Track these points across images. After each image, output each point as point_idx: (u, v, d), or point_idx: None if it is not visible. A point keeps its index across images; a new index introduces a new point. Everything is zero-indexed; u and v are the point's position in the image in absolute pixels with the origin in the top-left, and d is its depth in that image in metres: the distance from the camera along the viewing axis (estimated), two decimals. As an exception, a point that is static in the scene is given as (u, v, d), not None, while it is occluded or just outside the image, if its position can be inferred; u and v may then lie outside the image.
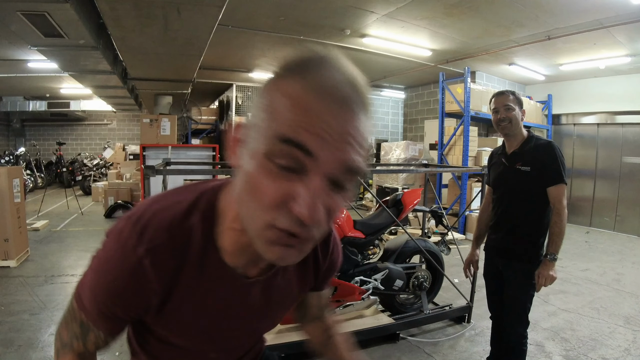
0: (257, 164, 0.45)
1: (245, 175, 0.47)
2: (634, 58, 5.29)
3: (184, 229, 0.56)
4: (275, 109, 0.44)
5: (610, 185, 6.54)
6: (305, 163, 0.43)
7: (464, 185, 5.71)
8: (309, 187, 0.44)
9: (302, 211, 0.43)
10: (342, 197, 0.48)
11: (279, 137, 0.43)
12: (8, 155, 8.73)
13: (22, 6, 3.04)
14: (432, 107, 8.11)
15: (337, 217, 0.52)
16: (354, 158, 0.45)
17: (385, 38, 5.14)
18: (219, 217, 0.58)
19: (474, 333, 2.69)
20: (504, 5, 3.94)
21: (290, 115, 0.43)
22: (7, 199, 3.67)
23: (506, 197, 1.92)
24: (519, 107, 1.84)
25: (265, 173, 0.44)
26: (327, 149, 0.43)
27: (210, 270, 0.59)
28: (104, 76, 5.75)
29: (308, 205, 0.44)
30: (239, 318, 0.67)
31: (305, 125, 0.42)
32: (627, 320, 2.94)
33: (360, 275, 2.46)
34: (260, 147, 0.45)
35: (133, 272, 0.54)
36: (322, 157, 0.43)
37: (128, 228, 0.55)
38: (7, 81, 7.08)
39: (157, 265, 0.54)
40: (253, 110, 0.48)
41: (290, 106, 0.43)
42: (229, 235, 0.57)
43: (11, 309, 2.84)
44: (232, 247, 0.58)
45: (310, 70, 0.44)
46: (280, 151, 0.43)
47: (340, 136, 0.44)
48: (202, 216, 0.57)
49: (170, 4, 3.14)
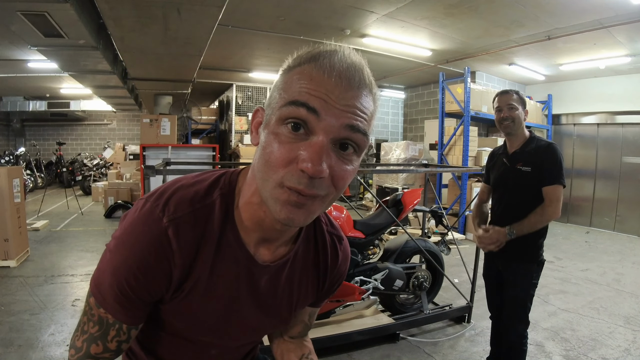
0: (270, 132, 0.51)
1: (262, 147, 0.52)
2: (634, 58, 5.28)
3: (205, 204, 0.59)
4: (289, 85, 0.51)
5: (610, 185, 6.54)
6: (309, 121, 0.48)
7: (464, 185, 5.70)
8: (312, 144, 0.48)
9: (305, 165, 0.48)
10: (348, 163, 0.52)
11: (288, 102, 0.49)
12: (8, 155, 8.73)
13: (22, 6, 3.04)
14: (432, 107, 8.11)
15: (344, 185, 0.53)
16: (357, 123, 0.50)
17: (385, 38, 5.14)
18: (237, 196, 0.61)
19: (474, 333, 2.69)
20: (504, 5, 3.94)
21: (299, 84, 0.50)
22: (7, 199, 3.66)
23: (506, 196, 1.91)
24: (522, 107, 1.84)
25: (277, 139, 0.50)
26: (330, 111, 0.48)
27: (227, 249, 0.60)
28: (104, 76, 5.75)
29: (311, 159, 0.48)
30: (245, 305, 0.67)
31: (311, 90, 0.49)
32: (627, 320, 2.94)
33: (360, 275, 2.46)
34: (273, 117, 0.51)
35: (158, 242, 0.55)
36: (326, 118, 0.48)
37: (151, 202, 0.57)
38: (7, 81, 7.08)
39: (181, 237, 0.56)
40: (270, 94, 0.55)
41: (300, 79, 0.50)
42: (246, 210, 0.60)
43: (11, 309, 2.84)
44: (249, 221, 0.60)
45: (321, 57, 0.51)
46: (288, 113, 0.49)
47: (344, 105, 0.49)
48: (222, 193, 0.60)
49: (170, 4, 3.14)
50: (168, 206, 0.56)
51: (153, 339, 0.69)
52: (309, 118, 0.48)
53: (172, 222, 0.55)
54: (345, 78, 0.49)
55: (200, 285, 0.60)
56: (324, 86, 0.48)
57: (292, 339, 0.86)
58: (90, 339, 0.60)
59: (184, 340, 0.68)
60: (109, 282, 0.57)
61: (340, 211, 2.49)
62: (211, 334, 0.68)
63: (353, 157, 0.53)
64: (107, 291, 0.57)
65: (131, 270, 0.55)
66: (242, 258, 0.62)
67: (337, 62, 0.50)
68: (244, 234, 0.61)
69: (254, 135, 0.57)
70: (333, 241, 0.75)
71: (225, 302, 0.64)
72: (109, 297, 0.57)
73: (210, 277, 0.60)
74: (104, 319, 0.59)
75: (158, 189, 0.59)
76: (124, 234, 0.57)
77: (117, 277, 0.56)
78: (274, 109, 0.51)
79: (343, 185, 0.53)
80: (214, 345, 0.71)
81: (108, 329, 0.59)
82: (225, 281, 0.62)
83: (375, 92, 0.54)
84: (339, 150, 0.51)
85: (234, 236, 0.60)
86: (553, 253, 4.81)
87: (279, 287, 0.69)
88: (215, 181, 0.61)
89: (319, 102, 0.48)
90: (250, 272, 0.64)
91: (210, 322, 0.65)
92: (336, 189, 0.52)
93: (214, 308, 0.64)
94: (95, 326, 0.59)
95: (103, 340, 0.60)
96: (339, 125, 0.49)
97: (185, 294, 0.60)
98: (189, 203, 0.57)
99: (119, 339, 0.60)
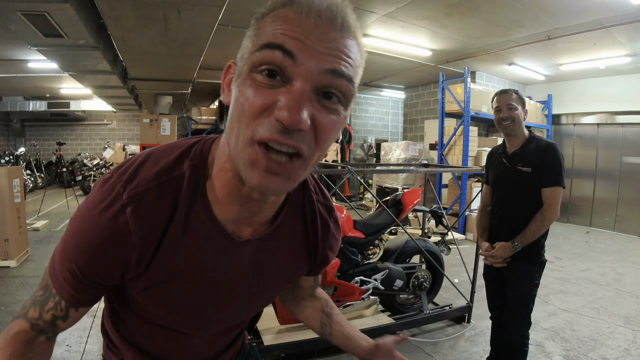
0: (242, 81, 0.45)
1: (233, 101, 0.46)
2: (634, 58, 5.28)
3: (173, 177, 0.53)
4: (261, 31, 0.45)
5: (610, 185, 6.54)
6: (285, 66, 0.42)
7: (464, 185, 5.70)
8: (291, 91, 0.42)
9: (282, 114, 0.41)
10: (333, 113, 0.45)
11: (261, 46, 0.43)
12: (8, 155, 8.73)
13: (22, 6, 3.04)
14: (432, 107, 8.11)
15: (328, 140, 0.46)
16: (341, 67, 0.43)
17: (385, 38, 5.14)
18: (210, 166, 0.55)
19: (474, 333, 2.69)
20: (504, 5, 3.94)
21: (273, 27, 0.44)
22: (7, 199, 3.66)
23: (506, 197, 1.91)
24: (521, 107, 1.83)
25: (250, 88, 0.44)
26: (308, 53, 0.42)
27: (197, 226, 0.54)
28: (104, 76, 5.75)
29: (288, 107, 0.41)
30: (226, 287, 0.61)
31: (287, 31, 0.42)
32: (627, 320, 2.94)
33: (360, 275, 2.46)
34: (245, 66, 0.45)
35: (113, 221, 0.50)
36: (304, 62, 0.42)
37: (116, 176, 0.52)
38: (7, 81, 7.08)
39: (141, 215, 0.50)
40: (242, 46, 0.49)
41: (274, 21, 0.44)
42: (220, 179, 0.53)
43: (11, 309, 2.84)
44: (222, 191, 0.53)
45: (296, 1, 0.44)
46: (262, 58, 0.43)
47: (325, 47, 0.43)
48: (192, 164, 0.54)
49: (170, 4, 3.14)
50: (131, 182, 0.51)
51: (132, 330, 0.66)
52: (285, 63, 0.42)
53: (132, 198, 0.50)
54: (326, 18, 0.43)
55: (170, 266, 0.55)
56: (302, 26, 0.42)
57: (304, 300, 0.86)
58: (33, 302, 0.58)
59: (163, 329, 0.64)
60: (60, 257, 0.54)
61: (340, 211, 2.49)
62: (190, 319, 0.63)
63: (338, 106, 0.46)
64: (58, 262, 0.54)
65: (82, 247, 0.51)
66: (215, 235, 0.55)
67: (317, 1, 0.44)
68: (219, 209, 0.55)
69: (225, 93, 0.51)
70: (323, 213, 0.68)
71: (201, 283, 0.59)
72: (58, 268, 0.55)
73: (181, 257, 0.55)
74: (49, 287, 0.56)
75: (127, 161, 0.55)
76: (84, 209, 0.52)
77: (67, 252, 0.53)
78: (245, 58, 0.46)
79: (326, 140, 0.46)
80: (195, 333, 0.67)
81: (48, 298, 0.56)
82: (199, 262, 0.56)
83: (361, 42, 0.47)
84: (321, 99, 0.44)
85: (205, 211, 0.54)
86: (553, 253, 4.81)
87: (264, 263, 0.62)
88: (186, 150, 0.55)
89: (295, 44, 0.42)
90: (227, 250, 0.57)
91: (187, 306, 0.60)
92: (317, 144, 0.45)
93: (188, 291, 0.58)
94: (40, 290, 0.58)
95: (41, 307, 0.57)
96: (319, 69, 0.42)
97: (153, 276, 0.55)
98: (154, 176, 0.52)
99: (55, 313, 0.57)
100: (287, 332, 2.29)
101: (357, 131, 9.67)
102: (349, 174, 2.27)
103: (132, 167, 0.53)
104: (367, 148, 8.80)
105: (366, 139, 9.41)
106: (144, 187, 0.51)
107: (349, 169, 2.27)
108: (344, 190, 8.01)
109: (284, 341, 2.20)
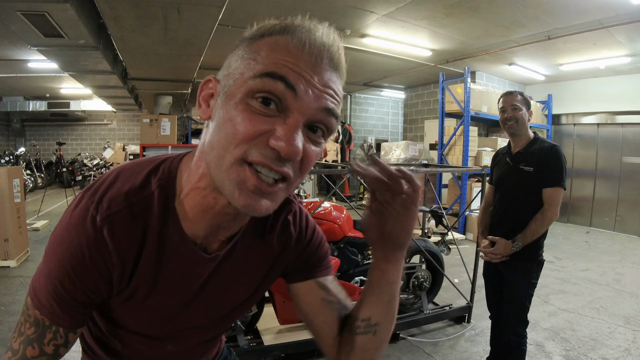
0: (235, 105, 0.45)
1: (221, 121, 0.46)
2: (634, 58, 5.28)
3: (143, 197, 0.54)
4: (260, 54, 0.45)
5: (610, 185, 6.54)
6: (286, 98, 0.44)
7: (464, 185, 5.70)
8: (288, 122, 0.44)
9: (280, 144, 0.43)
10: (317, 145, 0.49)
11: (262, 73, 0.44)
12: (8, 155, 8.72)
13: (22, 6, 3.04)
14: (432, 107, 8.11)
15: (310, 169, 0.50)
16: (334, 106, 0.47)
17: (385, 38, 5.14)
18: (178, 185, 0.56)
19: (474, 333, 2.69)
20: (504, 5, 3.94)
21: (274, 55, 0.45)
22: (7, 199, 3.66)
23: (507, 195, 1.92)
24: (526, 108, 1.86)
25: (244, 112, 0.44)
26: (309, 90, 0.44)
27: (169, 243, 0.56)
28: (104, 76, 5.75)
29: (287, 139, 0.43)
30: (196, 299, 0.63)
31: (289, 64, 0.44)
32: (627, 320, 2.94)
33: (360, 275, 2.46)
34: (239, 89, 0.45)
35: (93, 243, 0.51)
36: (304, 98, 0.44)
37: (86, 198, 0.53)
38: (7, 81, 7.08)
39: (116, 235, 0.51)
40: (228, 64, 0.49)
41: (274, 50, 0.45)
42: (191, 198, 0.54)
43: (11, 309, 2.84)
44: (193, 210, 0.55)
45: (298, 31, 0.47)
46: (262, 86, 0.44)
47: (322, 83, 0.46)
48: (160, 184, 0.55)
49: (170, 4, 3.14)
50: (102, 203, 0.51)
51: (109, 335, 0.66)
52: (285, 95, 0.44)
53: (106, 220, 0.51)
54: (327, 58, 0.46)
55: (147, 283, 0.56)
56: (304, 62, 0.44)
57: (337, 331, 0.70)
58: (27, 341, 0.56)
59: (138, 336, 0.64)
60: (44, 284, 0.53)
61: (340, 211, 2.49)
62: (163, 329, 0.64)
63: (321, 140, 0.49)
64: (43, 293, 0.54)
65: (66, 272, 0.51)
66: (185, 252, 0.57)
67: (318, 39, 0.46)
68: (188, 225, 0.56)
69: (203, 109, 0.51)
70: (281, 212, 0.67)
71: (173, 296, 0.60)
72: (44, 299, 0.54)
73: (156, 274, 0.56)
74: (40, 320, 0.55)
75: (98, 180, 0.55)
76: (59, 234, 0.53)
77: (51, 279, 0.52)
78: (237, 80, 0.46)
79: (309, 169, 0.49)
80: (168, 342, 0.67)
81: (44, 332, 0.55)
82: (172, 277, 0.58)
83: (344, 77, 0.51)
84: (308, 131, 0.47)
85: (175, 229, 0.55)
86: (553, 253, 4.81)
87: (233, 272, 0.63)
88: (153, 170, 0.56)
89: (298, 79, 0.44)
90: (196, 265, 0.59)
91: (160, 318, 0.62)
92: (302, 172, 0.49)
93: (162, 303, 0.60)
94: (32, 327, 0.56)
95: (39, 343, 0.56)
96: (316, 107, 0.45)
97: (132, 292, 0.57)
98: (124, 197, 0.52)
99: (56, 342, 0.56)
100: (287, 332, 2.29)
101: (357, 131, 9.67)
102: (349, 174, 2.27)
103: (102, 188, 0.54)
104: (367, 148, 8.80)
105: (366, 139, 9.41)
106: (116, 208, 0.52)
107: (349, 169, 2.27)
108: (344, 190, 8.01)
109: (284, 341, 2.20)
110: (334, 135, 8.66)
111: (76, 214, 0.52)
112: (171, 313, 0.62)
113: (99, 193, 0.53)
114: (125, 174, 0.56)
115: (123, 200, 0.52)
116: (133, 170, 0.56)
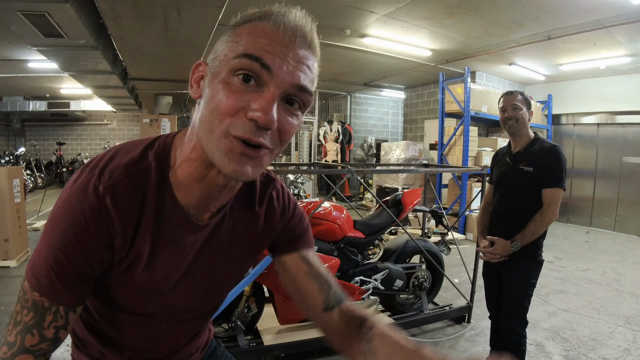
0: (219, 82, 0.50)
1: (208, 97, 0.52)
2: (634, 58, 5.28)
3: (141, 168, 0.58)
4: (241, 38, 0.51)
5: (610, 185, 6.54)
6: (262, 75, 0.49)
7: (464, 185, 5.70)
8: (264, 95, 0.49)
9: (257, 114, 0.48)
10: (294, 117, 0.53)
11: (241, 54, 0.49)
12: (8, 155, 8.72)
13: (22, 6, 3.05)
14: (432, 107, 8.11)
15: (289, 139, 0.55)
16: (306, 83, 0.52)
17: (385, 38, 5.14)
18: (173, 157, 0.60)
19: (474, 333, 2.69)
20: (504, 5, 3.94)
21: (253, 39, 0.50)
22: (7, 199, 3.66)
23: (507, 195, 1.92)
24: (526, 108, 1.86)
25: (226, 89, 0.50)
26: (283, 67, 0.49)
27: (165, 212, 0.59)
28: (104, 76, 5.76)
29: (262, 109, 0.48)
30: (189, 268, 0.65)
31: (265, 45, 0.49)
32: (627, 320, 2.94)
33: (360, 275, 2.46)
34: (222, 69, 0.51)
35: (96, 210, 0.53)
36: (279, 74, 0.49)
37: (87, 172, 0.56)
38: (7, 81, 7.08)
39: (119, 203, 0.54)
40: (215, 49, 0.54)
41: (254, 34, 0.50)
42: (183, 168, 0.58)
43: (11, 309, 2.83)
44: (186, 180, 0.59)
45: (274, 15, 0.52)
46: (241, 65, 0.49)
47: (296, 62, 0.51)
48: (157, 156, 0.59)
49: (170, 4, 3.15)
50: (103, 174, 0.55)
51: (103, 322, 0.66)
52: (261, 73, 0.49)
53: (108, 188, 0.54)
54: (300, 36, 0.51)
55: (145, 251, 0.59)
56: (278, 42, 0.50)
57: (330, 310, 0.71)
58: (25, 329, 0.55)
59: (130, 316, 0.65)
60: (44, 258, 0.54)
61: (340, 211, 2.49)
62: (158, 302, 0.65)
63: (298, 112, 0.54)
64: (43, 269, 0.54)
65: (69, 239, 0.53)
66: (180, 220, 0.60)
67: (291, 20, 0.51)
68: (182, 195, 0.59)
69: (194, 89, 0.56)
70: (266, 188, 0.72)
71: (170, 269, 0.63)
72: (43, 278, 0.54)
73: (154, 241, 0.59)
74: (38, 303, 0.55)
75: (95, 158, 0.59)
76: (61, 206, 0.54)
77: (53, 249, 0.53)
78: (221, 61, 0.51)
79: (288, 139, 0.54)
80: (163, 318, 0.68)
81: (44, 314, 0.55)
82: (168, 246, 0.61)
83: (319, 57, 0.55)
84: (285, 104, 0.52)
85: (170, 198, 0.59)
86: (553, 253, 4.81)
87: (223, 243, 0.67)
88: (149, 144, 0.61)
89: (272, 59, 0.49)
90: (190, 234, 0.62)
91: (156, 289, 0.63)
92: (281, 142, 0.53)
93: (160, 275, 0.62)
94: (30, 313, 0.55)
95: (39, 328, 0.55)
96: (289, 82, 0.50)
97: (131, 262, 0.59)
98: (124, 169, 0.56)
99: (56, 324, 0.56)
100: (287, 332, 2.29)
101: (357, 131, 9.67)
102: (349, 174, 2.27)
103: (102, 162, 0.57)
104: (367, 148, 8.79)
105: (366, 139, 9.40)
106: (117, 178, 0.55)
107: (349, 169, 2.27)
108: (344, 190, 8.00)
109: (284, 341, 2.20)
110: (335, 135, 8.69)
111: (77, 186, 0.55)
112: (166, 286, 0.64)
113: (99, 167, 0.56)
114: (123, 150, 0.60)
115: (123, 171, 0.56)
116: (130, 147, 0.61)
